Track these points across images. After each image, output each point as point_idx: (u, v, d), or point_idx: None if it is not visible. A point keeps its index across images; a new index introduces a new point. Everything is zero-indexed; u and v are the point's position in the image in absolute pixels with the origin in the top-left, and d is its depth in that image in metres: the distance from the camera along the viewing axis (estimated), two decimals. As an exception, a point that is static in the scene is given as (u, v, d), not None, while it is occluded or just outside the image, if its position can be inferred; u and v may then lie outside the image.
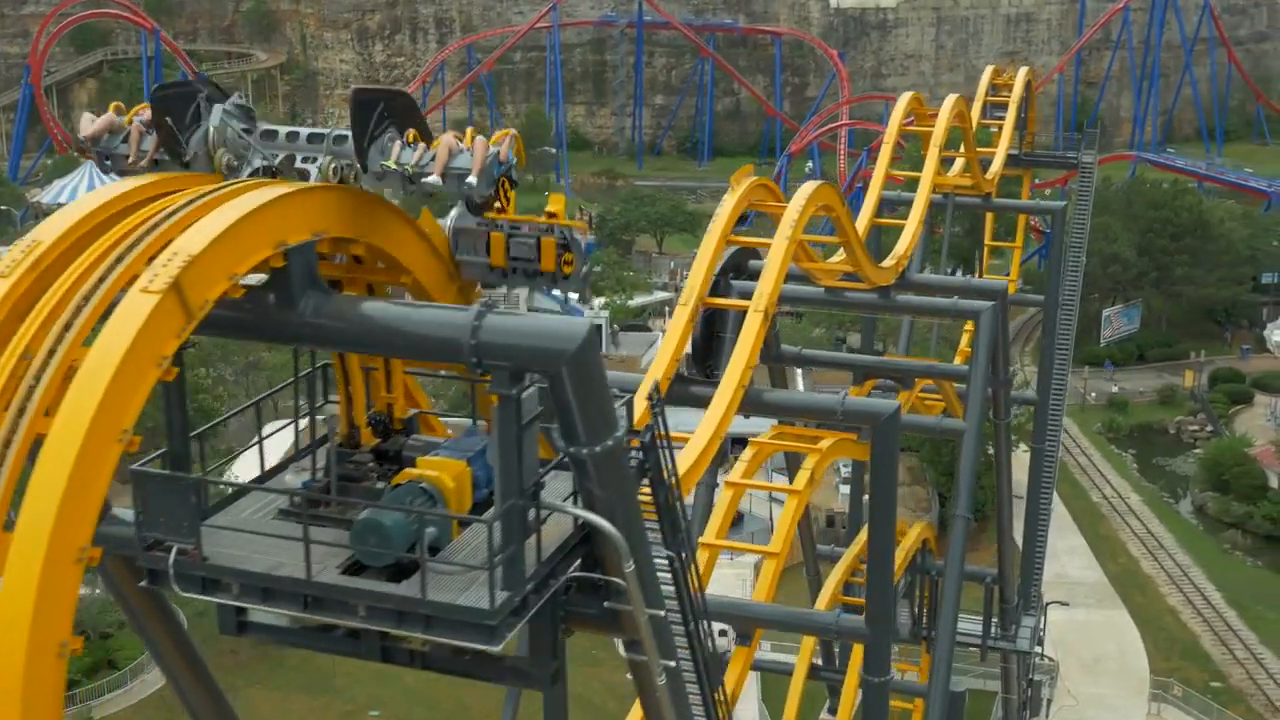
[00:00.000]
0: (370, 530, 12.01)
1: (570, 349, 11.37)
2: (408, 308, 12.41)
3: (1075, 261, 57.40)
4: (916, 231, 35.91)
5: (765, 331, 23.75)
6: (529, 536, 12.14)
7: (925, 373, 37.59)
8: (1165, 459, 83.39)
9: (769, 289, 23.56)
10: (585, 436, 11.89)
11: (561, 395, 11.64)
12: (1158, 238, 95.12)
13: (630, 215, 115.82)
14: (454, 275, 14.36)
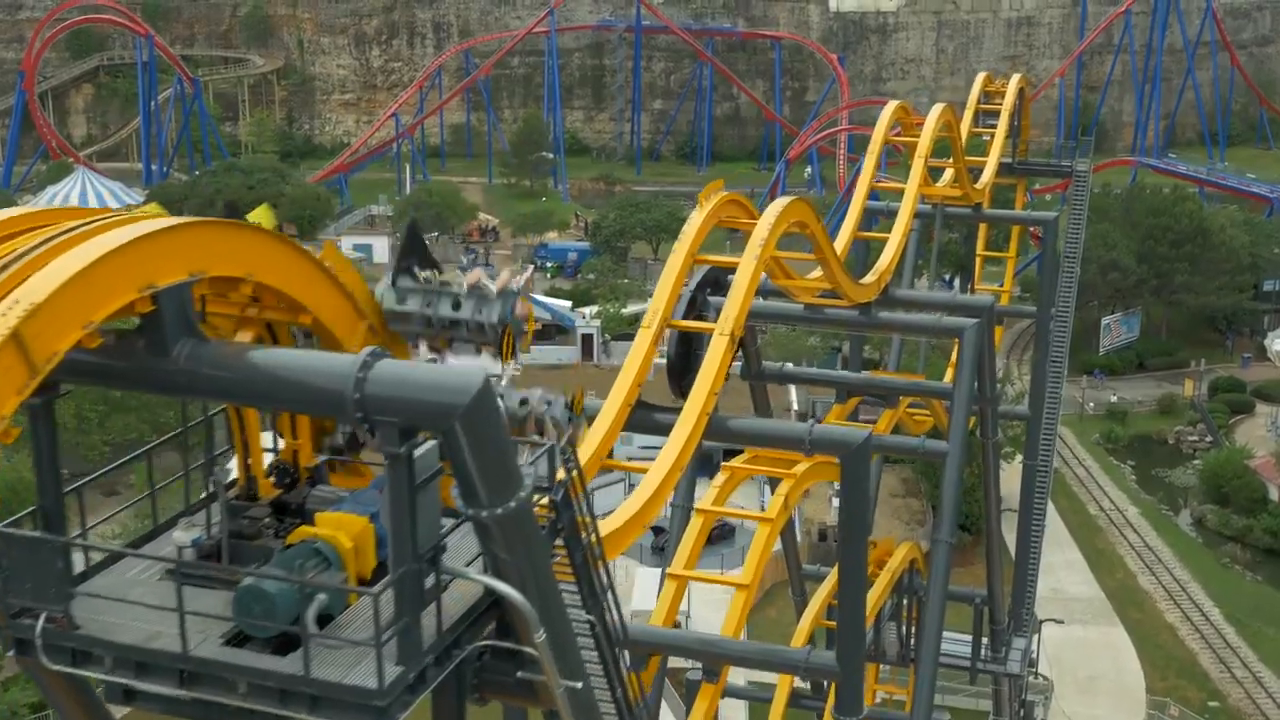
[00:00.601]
0: (253, 599, 10.96)
1: (463, 402, 10.32)
2: (288, 356, 11.31)
3: (1070, 272, 56.27)
4: (900, 247, 34.83)
5: (732, 355, 22.79)
6: (428, 605, 11.08)
7: (910, 390, 36.60)
8: (1164, 470, 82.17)
9: (734, 312, 22.62)
10: (486, 498, 10.83)
11: (456, 453, 10.58)
12: (1158, 245, 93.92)
13: (625, 222, 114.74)
14: (364, 314, 13.28)
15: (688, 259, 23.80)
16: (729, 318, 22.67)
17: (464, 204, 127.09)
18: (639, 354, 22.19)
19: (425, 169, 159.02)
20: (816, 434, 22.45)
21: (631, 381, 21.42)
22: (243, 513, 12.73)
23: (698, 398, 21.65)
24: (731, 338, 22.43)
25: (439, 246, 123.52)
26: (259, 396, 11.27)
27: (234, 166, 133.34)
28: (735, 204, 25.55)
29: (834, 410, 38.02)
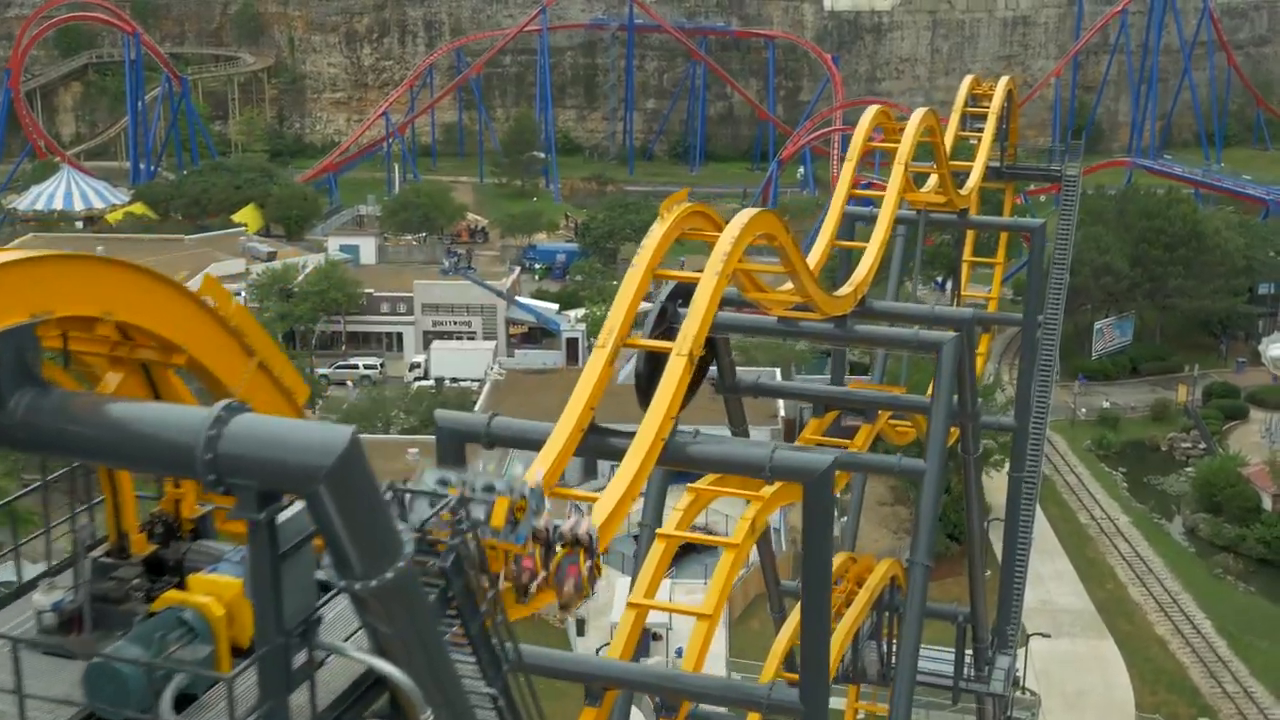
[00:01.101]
0: (104, 679, 9.80)
1: (327, 462, 9.15)
2: (137, 409, 10.11)
3: (1058, 279, 55.14)
4: (877, 256, 33.58)
5: (690, 376, 21.66)
6: (298, 685, 9.92)
7: (889, 405, 35.43)
8: (1157, 477, 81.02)
9: (693, 331, 21.45)
10: (360, 568, 9.66)
11: (323, 519, 9.41)
12: (1151, 248, 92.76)
13: (615, 223, 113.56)
14: (251, 352, 12.10)
15: (647, 274, 22.64)
16: (687, 337, 21.52)
17: (452, 204, 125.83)
18: (592, 375, 21.01)
19: (416, 168, 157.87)
20: (778, 460, 21.23)
21: (584, 404, 20.25)
22: (110, 572, 11.54)
23: (652, 422, 20.48)
24: (690, 358, 21.27)
25: (426, 247, 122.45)
26: (103, 454, 10.08)
27: (221, 166, 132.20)
28: (700, 215, 24.32)
29: (811, 424, 36.90)
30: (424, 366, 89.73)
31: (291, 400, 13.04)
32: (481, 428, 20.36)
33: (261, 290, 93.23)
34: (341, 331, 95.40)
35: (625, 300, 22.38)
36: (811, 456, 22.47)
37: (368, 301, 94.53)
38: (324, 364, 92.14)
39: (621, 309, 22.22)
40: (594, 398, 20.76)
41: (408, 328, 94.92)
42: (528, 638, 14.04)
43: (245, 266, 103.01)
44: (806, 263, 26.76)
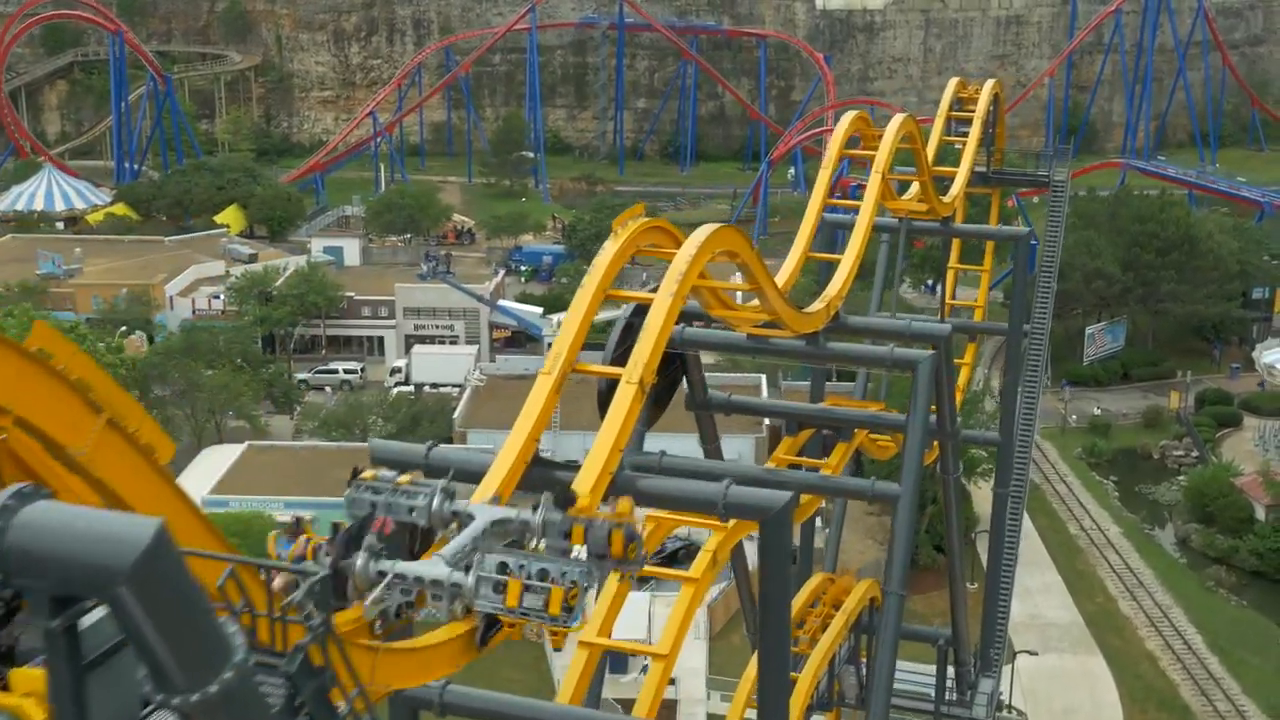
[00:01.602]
0: None
1: (127, 562, 7.74)
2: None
3: (1045, 287, 53.74)
4: (852, 270, 32.13)
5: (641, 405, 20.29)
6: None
7: (866, 422, 34.19)
8: (1148, 486, 79.61)
9: (644, 356, 20.06)
10: (179, 679, 8.25)
11: (130, 625, 8.00)
12: (1144, 252, 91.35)
13: (601, 224, 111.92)
14: (98, 409, 10.66)
15: (597, 295, 21.26)
16: (639, 363, 20.15)
17: (438, 205, 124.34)
18: (536, 404, 19.61)
19: (404, 168, 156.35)
20: (732, 497, 19.87)
21: (526, 436, 18.84)
22: None
23: (598, 456, 19.08)
24: (641, 386, 19.85)
25: (411, 249, 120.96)
26: None
27: (203, 166, 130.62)
28: (657, 231, 22.94)
29: (784, 443, 35.56)
30: (404, 371, 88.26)
31: (150, 460, 11.62)
32: (419, 458, 19.06)
33: (240, 293, 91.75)
34: (321, 335, 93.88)
35: (574, 323, 21.06)
36: (768, 494, 21.05)
37: (348, 305, 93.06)
38: (303, 368, 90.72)
39: (570, 332, 20.89)
40: (538, 428, 19.40)
41: (389, 332, 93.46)
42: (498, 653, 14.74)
43: (225, 269, 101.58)
44: (773, 280, 25.41)
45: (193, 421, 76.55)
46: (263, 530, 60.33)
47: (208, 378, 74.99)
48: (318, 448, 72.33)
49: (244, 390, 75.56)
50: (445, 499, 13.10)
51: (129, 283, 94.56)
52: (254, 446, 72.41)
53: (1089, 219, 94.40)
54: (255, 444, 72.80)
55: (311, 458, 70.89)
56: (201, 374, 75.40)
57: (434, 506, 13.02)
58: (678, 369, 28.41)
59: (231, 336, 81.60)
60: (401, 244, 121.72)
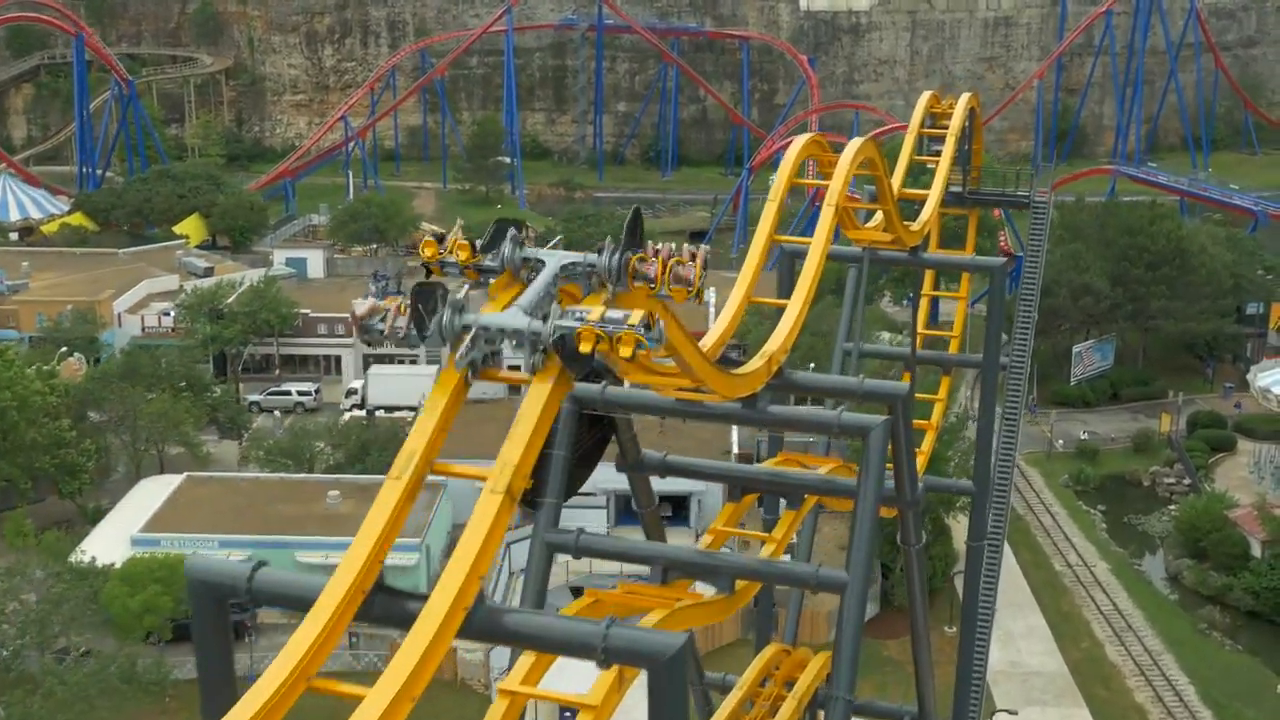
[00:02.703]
0: None
1: None
2: None
3: (1026, 316, 49.91)
4: (798, 319, 28.04)
5: (510, 516, 16.45)
6: None
7: (817, 488, 30.27)
8: (1138, 516, 75.64)
9: (514, 457, 16.19)
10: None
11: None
12: (1133, 266, 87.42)
13: (574, 235, 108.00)
14: None
15: (458, 388, 17.40)
16: (506, 466, 16.27)
17: (405, 214, 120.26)
18: (381, 516, 15.70)
19: (378, 174, 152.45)
20: (614, 640, 15.84)
21: (367, 557, 14.99)
22: None
23: (450, 585, 15.20)
24: (508, 495, 15.91)
25: (377, 260, 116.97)
26: None
27: (166, 174, 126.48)
28: None
29: (725, 511, 31.42)
30: (361, 393, 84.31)
31: None
32: (242, 582, 15.14)
33: (191, 311, 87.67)
34: (274, 355, 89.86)
35: (430, 419, 17.13)
36: (656, 638, 17.01)
37: (303, 322, 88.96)
38: (256, 390, 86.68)
39: (426, 430, 16.97)
40: (382, 547, 15.46)
41: (346, 351, 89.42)
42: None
43: (179, 283, 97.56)
44: (692, 342, 21.44)
45: (131, 450, 72.56)
46: (189, 576, 56.36)
47: (146, 404, 70.89)
48: (260, 479, 68.44)
49: (184, 417, 71.54)
50: (515, 246, 14.03)
51: (75, 299, 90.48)
52: (192, 478, 68.50)
53: (1076, 231, 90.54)
54: (194, 475, 68.89)
55: (252, 490, 67.04)
56: (140, 400, 71.31)
57: (506, 253, 13.97)
58: (608, 425, 24.89)
59: (174, 359, 77.52)
60: (367, 255, 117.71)
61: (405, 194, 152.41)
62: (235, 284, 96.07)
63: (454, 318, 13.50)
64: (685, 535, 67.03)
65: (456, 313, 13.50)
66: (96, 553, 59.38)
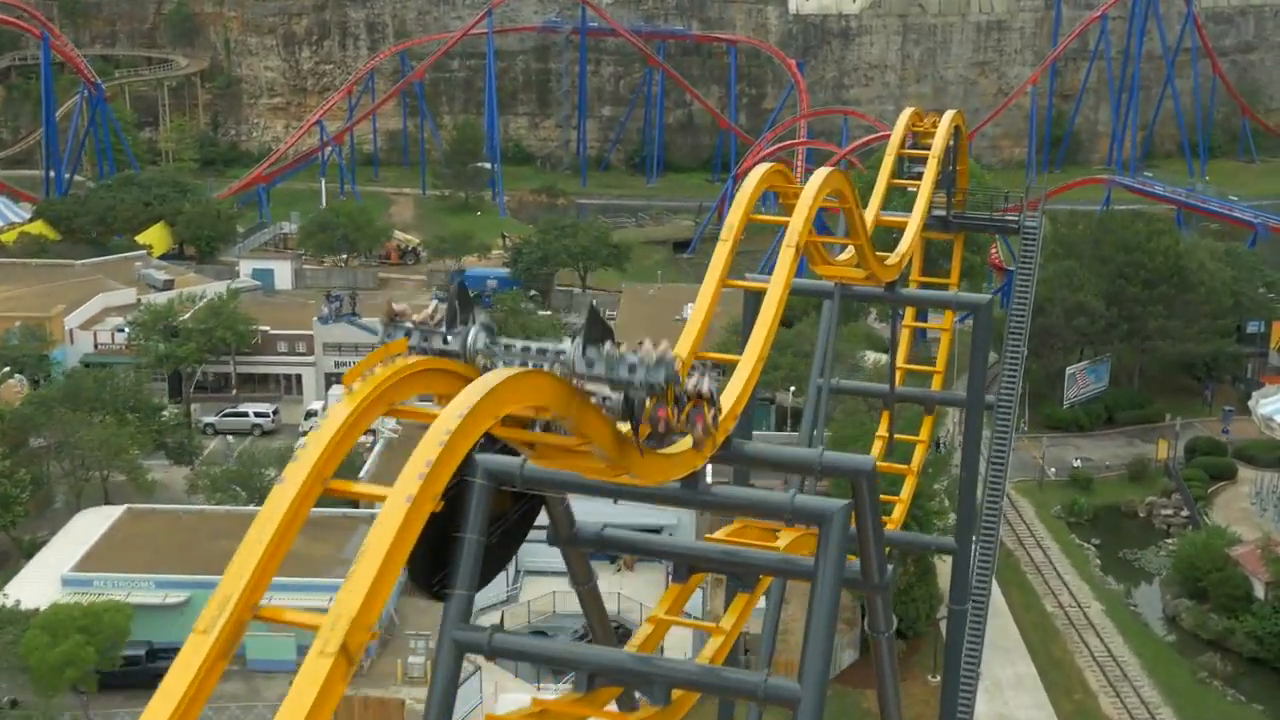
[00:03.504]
0: None
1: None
2: None
3: (1014, 352, 46.13)
4: (749, 382, 24.23)
5: (343, 684, 13.09)
6: None
7: (775, 569, 26.58)
8: (1134, 551, 71.75)
9: (352, 607, 12.51)
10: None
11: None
12: (1130, 284, 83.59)
13: (548, 248, 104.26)
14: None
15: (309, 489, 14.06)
16: (340, 619, 12.66)
17: (376, 224, 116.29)
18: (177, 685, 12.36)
19: (355, 180, 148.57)
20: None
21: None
22: None
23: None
24: (346, 654, 12.26)
25: (350, 271, 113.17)
26: None
27: (131, 180, 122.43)
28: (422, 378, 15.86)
29: (670, 592, 27.66)
30: (321, 414, 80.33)
31: None
32: None
33: (144, 328, 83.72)
34: (232, 374, 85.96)
35: (249, 558, 13.82)
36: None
37: (262, 340, 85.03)
38: (211, 411, 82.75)
39: (244, 571, 13.67)
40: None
41: (307, 369, 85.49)
42: None
43: (137, 296, 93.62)
44: (610, 428, 17.74)
45: (71, 478, 68.66)
46: (116, 625, 52.51)
47: (86, 431, 66.95)
48: (205, 512, 64.47)
49: (128, 444, 67.65)
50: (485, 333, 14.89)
51: (25, 314, 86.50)
52: (133, 510, 64.58)
53: (1070, 247, 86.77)
54: (134, 507, 64.96)
55: (196, 524, 63.07)
56: (81, 425, 67.39)
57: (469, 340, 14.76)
58: (534, 506, 21.43)
59: (119, 381, 73.56)
60: (338, 265, 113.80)
61: (383, 200, 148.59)
62: (196, 298, 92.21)
63: (479, 336, 14.54)
64: (656, 574, 63.06)
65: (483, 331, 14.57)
66: (26, 593, 55.65)
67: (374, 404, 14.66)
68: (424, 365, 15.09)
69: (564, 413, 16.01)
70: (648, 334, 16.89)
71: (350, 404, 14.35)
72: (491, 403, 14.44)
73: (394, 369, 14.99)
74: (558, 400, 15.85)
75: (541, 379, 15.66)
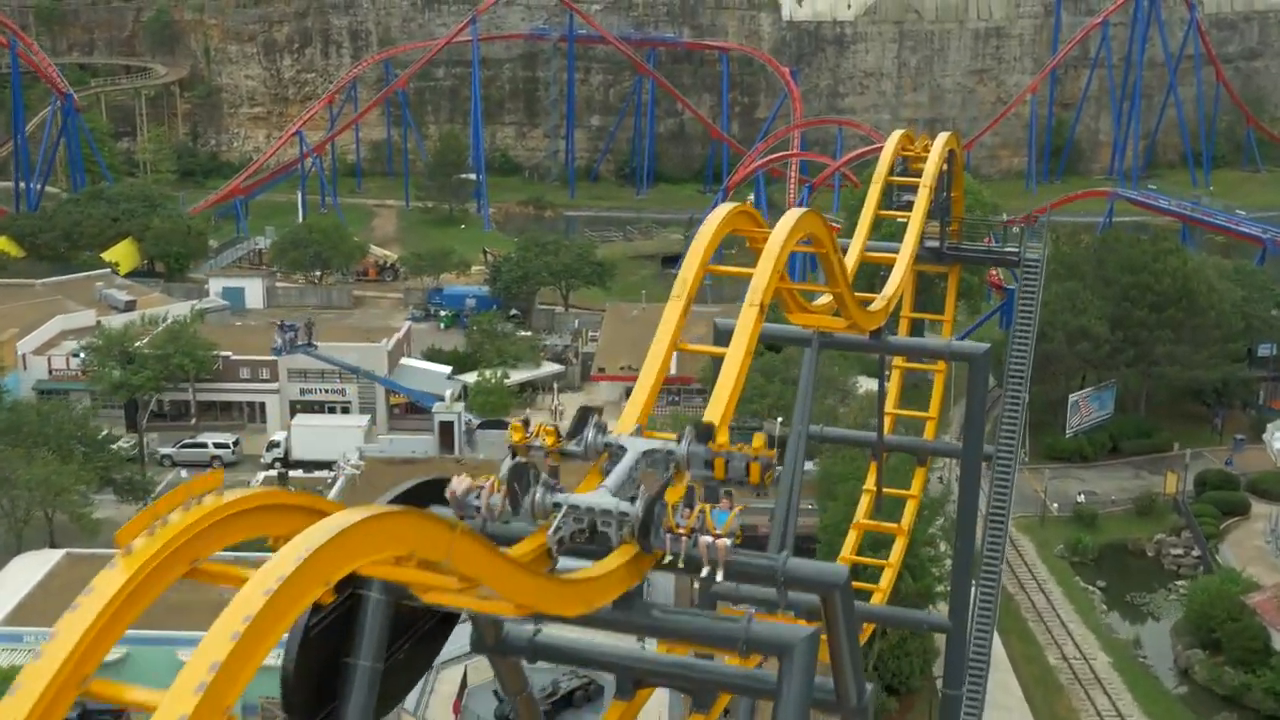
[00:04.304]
0: None
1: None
2: None
3: (1014, 398, 41.95)
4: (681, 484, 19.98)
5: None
6: None
7: (726, 685, 22.51)
8: (1142, 595, 67.53)
9: None
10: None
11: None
12: (1135, 307, 79.39)
13: (529, 265, 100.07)
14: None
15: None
16: None
17: (350, 241, 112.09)
18: None
19: (336, 192, 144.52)
20: None
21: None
22: None
23: None
24: None
25: (324, 290, 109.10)
26: None
27: (99, 194, 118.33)
28: None
29: (612, 710, 23.38)
30: (284, 446, 76.31)
31: None
32: None
33: (99, 353, 79.56)
34: (191, 402, 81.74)
35: None
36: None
37: (223, 366, 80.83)
38: (169, 441, 78.49)
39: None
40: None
41: (271, 397, 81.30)
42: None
43: (97, 319, 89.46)
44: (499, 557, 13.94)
45: (11, 519, 64.45)
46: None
47: (25, 469, 62.69)
48: (149, 558, 60.08)
49: (70, 483, 63.41)
50: (598, 432, 15.15)
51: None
52: (72, 555, 60.25)
53: (1072, 267, 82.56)
54: (74, 552, 60.63)
55: (139, 572, 58.75)
56: (21, 463, 63.17)
57: (589, 439, 15.13)
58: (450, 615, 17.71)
59: (62, 415, 69.30)
60: (311, 283, 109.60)
61: (366, 212, 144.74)
62: (158, 320, 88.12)
63: (545, 496, 14.13)
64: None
65: (549, 491, 14.21)
66: (-48, 648, 51.63)
67: (166, 563, 10.97)
68: (253, 502, 11.49)
69: (439, 558, 12.38)
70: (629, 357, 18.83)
71: (127, 570, 10.74)
72: (329, 558, 10.85)
73: (200, 513, 11.31)
74: (427, 545, 12.21)
75: (406, 520, 12.01)
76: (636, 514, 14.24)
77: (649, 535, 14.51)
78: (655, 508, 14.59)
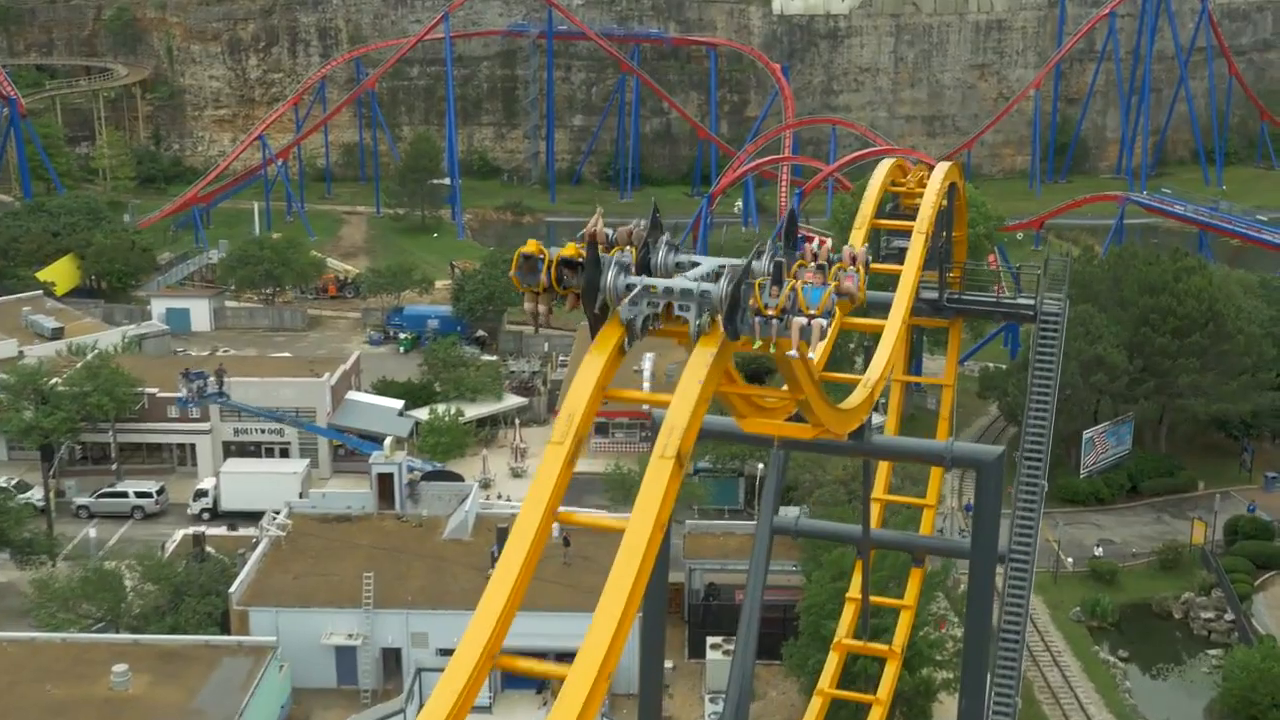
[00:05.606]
0: None
1: None
2: None
3: (1029, 489, 34.32)
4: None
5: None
6: None
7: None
8: (1169, 667, 59.94)
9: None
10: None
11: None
12: (1156, 333, 71.63)
13: (494, 284, 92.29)
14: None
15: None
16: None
17: (305, 257, 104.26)
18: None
19: (303, 199, 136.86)
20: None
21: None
22: None
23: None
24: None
25: (276, 310, 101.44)
26: None
27: (40, 207, 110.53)
28: None
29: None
30: (212, 495, 68.71)
31: None
32: None
33: (11, 392, 71.92)
34: (112, 445, 74.04)
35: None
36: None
37: (149, 404, 73.18)
38: (87, 490, 70.78)
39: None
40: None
41: (202, 438, 73.59)
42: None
43: (19, 348, 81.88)
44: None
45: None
46: None
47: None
48: (34, 641, 52.59)
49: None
50: (670, 251, 14.88)
51: (-120, 374, 74.67)
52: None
53: (1086, 288, 74.74)
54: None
55: (19, 659, 51.31)
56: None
57: (660, 258, 14.68)
58: None
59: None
60: (264, 300, 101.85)
61: (334, 220, 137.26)
62: (85, 349, 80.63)
63: (619, 276, 14.08)
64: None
65: (623, 271, 14.13)
66: None
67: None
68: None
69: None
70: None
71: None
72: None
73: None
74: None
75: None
76: (720, 292, 13.71)
77: (735, 319, 13.88)
78: (741, 285, 13.88)
